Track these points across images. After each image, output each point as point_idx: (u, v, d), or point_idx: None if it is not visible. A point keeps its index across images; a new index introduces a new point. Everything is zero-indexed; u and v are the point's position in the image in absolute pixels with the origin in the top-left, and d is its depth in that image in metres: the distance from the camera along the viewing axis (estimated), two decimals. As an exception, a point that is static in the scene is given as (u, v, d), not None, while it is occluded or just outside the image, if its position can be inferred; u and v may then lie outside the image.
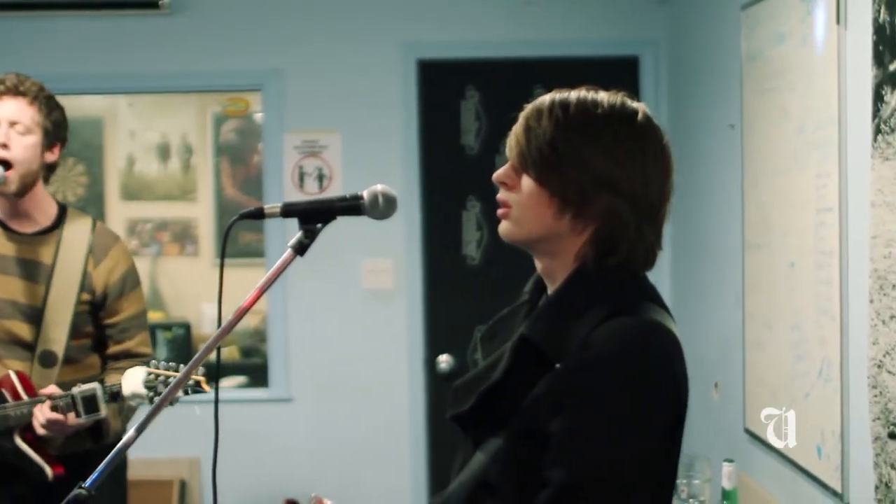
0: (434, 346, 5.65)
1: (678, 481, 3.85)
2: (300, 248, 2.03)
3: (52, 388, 3.34)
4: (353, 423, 5.66)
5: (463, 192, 5.62)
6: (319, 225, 2.03)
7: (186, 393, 3.30)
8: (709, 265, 4.80)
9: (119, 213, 6.92)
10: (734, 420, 4.30)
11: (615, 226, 1.87)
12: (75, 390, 3.30)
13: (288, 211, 2.04)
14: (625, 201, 1.86)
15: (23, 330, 3.44)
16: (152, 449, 5.39)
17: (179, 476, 5.57)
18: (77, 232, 3.53)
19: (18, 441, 3.40)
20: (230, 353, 6.42)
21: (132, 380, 3.27)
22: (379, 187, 2.05)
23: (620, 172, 1.86)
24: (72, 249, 3.49)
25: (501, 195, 1.95)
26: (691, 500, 3.90)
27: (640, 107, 1.94)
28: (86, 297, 3.50)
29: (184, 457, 5.60)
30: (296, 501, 1.79)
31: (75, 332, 3.48)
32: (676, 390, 1.84)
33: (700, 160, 4.86)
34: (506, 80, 5.53)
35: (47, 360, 3.45)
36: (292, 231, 2.08)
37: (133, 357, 3.58)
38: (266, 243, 5.70)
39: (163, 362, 3.33)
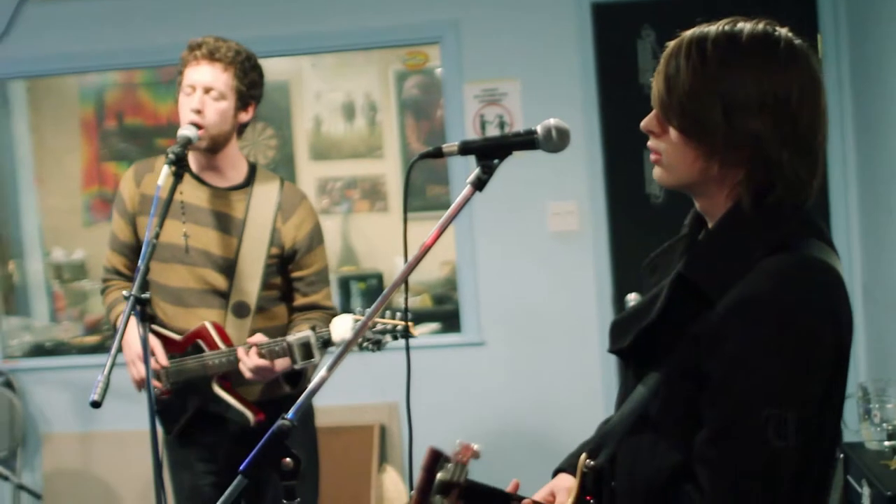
0: (622, 285, 5.68)
1: (871, 406, 3.84)
2: (479, 184, 2.09)
3: (259, 337, 3.50)
4: (544, 365, 5.75)
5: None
6: (496, 161, 2.08)
7: (395, 338, 3.42)
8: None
9: (309, 174, 7.11)
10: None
11: (766, 165, 1.83)
12: (290, 338, 3.45)
13: (465, 148, 2.09)
14: (773, 135, 1.82)
15: (217, 280, 3.60)
16: (353, 395, 5.60)
17: (380, 421, 5.74)
18: (267, 189, 3.67)
19: (217, 389, 3.58)
20: (423, 301, 6.54)
21: (340, 327, 3.40)
22: (552, 121, 2.08)
23: (765, 103, 1.81)
24: (262, 205, 3.64)
25: (651, 143, 1.97)
26: (884, 425, 3.88)
27: (783, 34, 1.89)
28: (275, 251, 3.64)
29: (383, 402, 5.77)
30: (440, 451, 1.82)
31: (265, 283, 3.63)
32: (837, 331, 1.77)
33: (885, 87, 4.76)
34: (681, 17, 5.43)
35: (241, 310, 3.61)
36: (478, 183, 2.12)
37: (320, 309, 3.73)
38: (451, 196, 5.82)
39: (363, 308, 3.46)
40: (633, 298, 5.59)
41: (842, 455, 4.07)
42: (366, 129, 7.10)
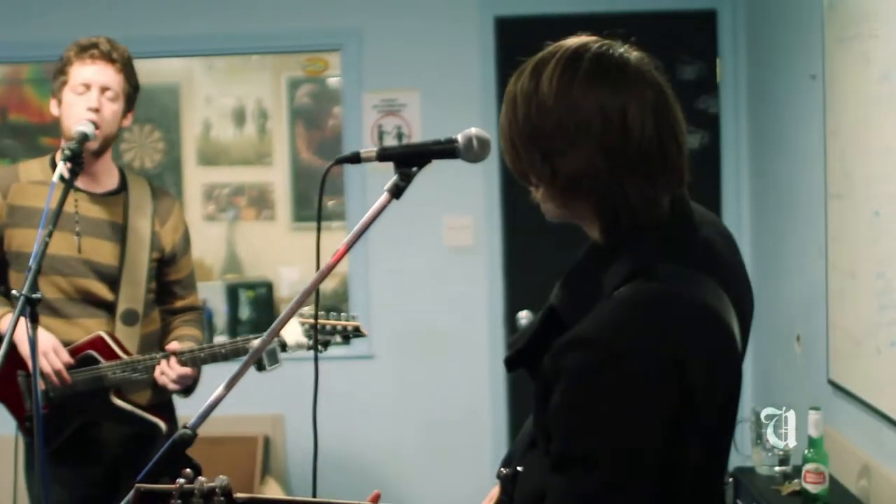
0: (513, 301, 5.67)
1: (763, 430, 3.86)
2: (396, 192, 2.04)
3: (175, 345, 3.46)
4: (433, 381, 5.72)
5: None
6: (415, 168, 2.04)
7: (346, 339, 3.50)
8: (790, 217, 4.77)
9: (196, 179, 6.98)
10: (817, 372, 4.28)
11: (607, 195, 1.78)
12: (256, 343, 3.33)
13: (384, 155, 2.05)
14: (603, 167, 1.77)
15: (100, 289, 3.50)
16: (238, 405, 5.49)
17: (264, 432, 5.65)
18: (140, 194, 3.61)
19: (117, 401, 3.47)
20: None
21: (293, 331, 3.40)
22: (473, 130, 2.06)
23: (588, 130, 1.77)
24: (139, 210, 3.58)
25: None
26: (775, 450, 3.90)
27: (616, 53, 1.84)
28: (156, 255, 3.60)
29: (268, 413, 5.68)
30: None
31: (148, 289, 3.58)
32: (676, 371, 1.67)
33: (781, 112, 4.83)
34: (584, 33, 5.48)
35: (130, 318, 3.51)
36: (374, 193, 2.10)
37: (195, 311, 3.75)
38: (347, 206, 5.75)
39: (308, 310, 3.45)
40: (524, 316, 5.58)
41: (731, 479, 4.09)
42: (256, 135, 7.00)
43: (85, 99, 3.40)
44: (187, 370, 3.41)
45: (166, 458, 1.98)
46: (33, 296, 2.85)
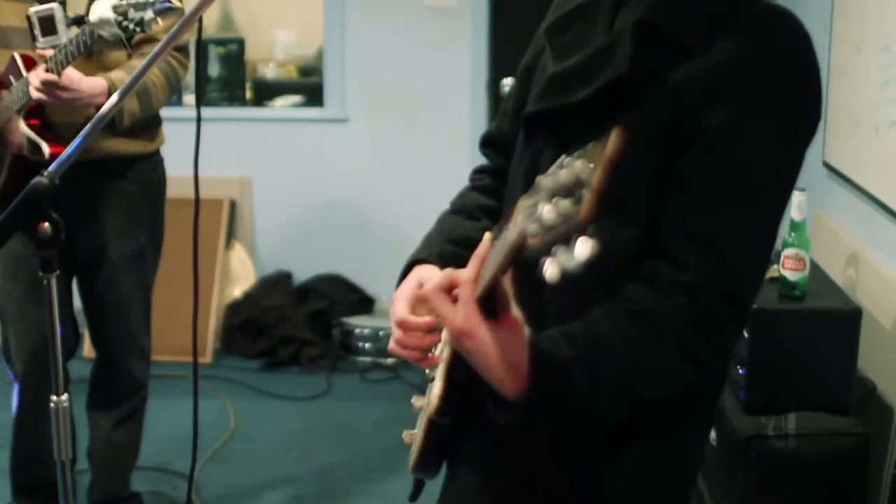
0: (498, 67, 5.39)
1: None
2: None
3: (50, 51, 3.02)
4: (410, 147, 5.48)
5: None
6: None
7: (158, 14, 2.91)
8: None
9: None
10: (813, 152, 4.04)
11: None
12: (31, 10, 3.01)
13: None
14: None
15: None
16: (202, 167, 5.27)
17: (230, 196, 5.44)
18: None
19: (22, 125, 3.13)
20: (287, 72, 6.19)
21: (101, 5, 2.86)
22: None
23: None
24: None
25: None
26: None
27: None
28: None
29: (236, 176, 5.48)
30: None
31: None
32: None
33: None
34: None
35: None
36: None
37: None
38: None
39: None
40: (509, 83, 5.31)
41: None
42: None
43: None
44: (49, 75, 2.98)
45: (20, 211, 1.70)
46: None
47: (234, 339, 5.27)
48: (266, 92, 5.95)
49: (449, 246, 1.81)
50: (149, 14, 2.78)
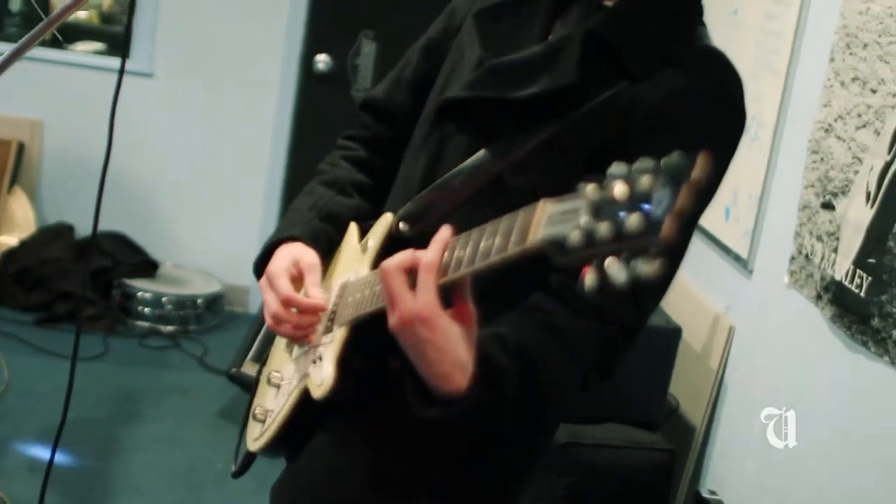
0: (313, 44, 5.28)
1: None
2: None
3: None
4: (213, 112, 5.32)
5: None
6: None
7: None
8: None
9: None
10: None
11: None
12: None
13: None
14: None
15: None
16: (-6, 103, 5.01)
17: (18, 138, 5.15)
18: None
19: None
20: (90, 16, 5.89)
21: None
22: None
23: None
24: None
25: None
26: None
27: None
28: None
29: (27, 118, 5.19)
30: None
31: None
32: None
33: None
34: None
35: None
36: None
37: None
38: None
39: None
40: (322, 60, 5.23)
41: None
42: None
43: None
44: None
45: None
46: None
47: (6, 288, 5.00)
48: (69, 35, 5.65)
49: (319, 223, 1.73)
50: None
